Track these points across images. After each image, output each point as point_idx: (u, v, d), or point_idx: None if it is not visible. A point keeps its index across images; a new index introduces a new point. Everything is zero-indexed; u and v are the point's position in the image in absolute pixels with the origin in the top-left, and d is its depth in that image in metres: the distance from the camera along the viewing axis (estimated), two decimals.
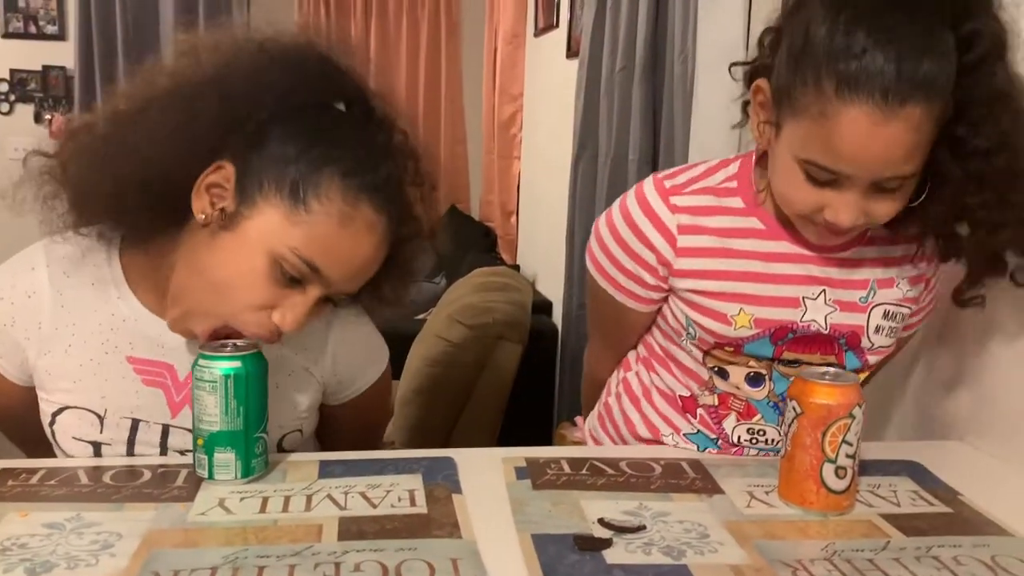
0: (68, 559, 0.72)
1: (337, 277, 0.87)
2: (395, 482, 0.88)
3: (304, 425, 1.02)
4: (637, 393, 1.10)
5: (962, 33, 0.80)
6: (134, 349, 0.94)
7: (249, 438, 0.87)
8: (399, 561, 0.72)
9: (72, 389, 0.94)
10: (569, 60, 2.89)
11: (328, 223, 0.84)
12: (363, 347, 1.05)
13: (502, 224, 4.12)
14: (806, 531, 0.81)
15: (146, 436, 0.95)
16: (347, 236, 0.85)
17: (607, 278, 1.04)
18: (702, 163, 1.04)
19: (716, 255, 0.98)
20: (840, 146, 0.81)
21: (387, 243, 0.89)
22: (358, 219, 0.85)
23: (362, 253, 0.87)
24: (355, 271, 0.88)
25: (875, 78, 0.78)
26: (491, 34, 4.23)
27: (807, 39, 0.83)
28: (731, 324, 0.97)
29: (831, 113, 0.81)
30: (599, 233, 1.05)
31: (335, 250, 0.86)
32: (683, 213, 0.98)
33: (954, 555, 0.77)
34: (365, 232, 0.86)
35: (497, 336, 2.08)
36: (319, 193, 0.84)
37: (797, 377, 0.86)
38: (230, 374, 0.85)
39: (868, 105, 0.79)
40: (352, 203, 0.85)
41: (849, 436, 0.83)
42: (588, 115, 2.28)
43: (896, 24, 0.78)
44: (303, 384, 1.01)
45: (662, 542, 0.77)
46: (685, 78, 1.73)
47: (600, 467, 0.94)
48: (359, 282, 0.90)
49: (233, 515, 0.81)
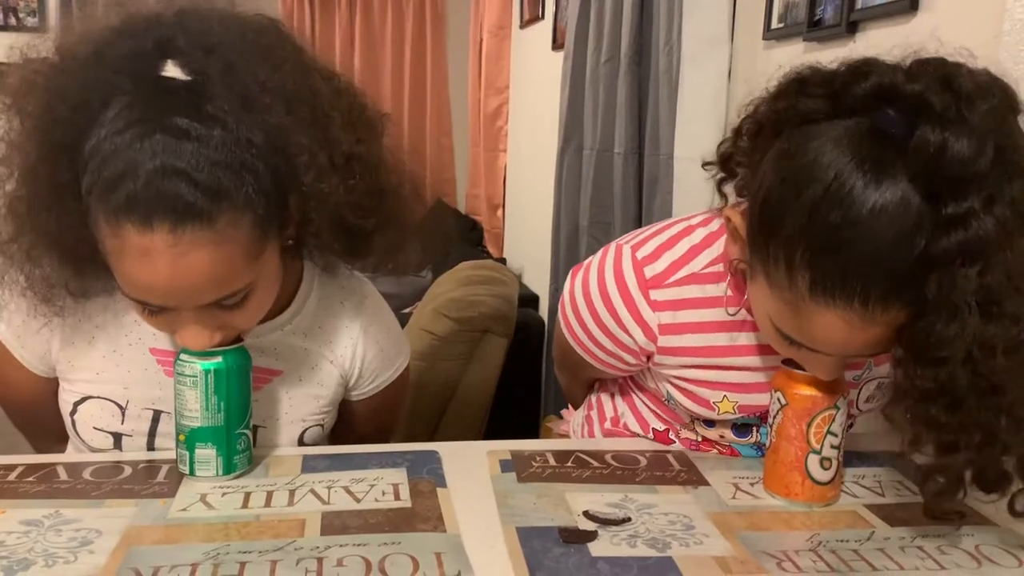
0: (46, 556, 0.71)
1: (173, 303, 0.78)
2: (379, 476, 0.88)
3: (325, 420, 1.01)
4: (607, 415, 1.10)
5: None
6: (157, 340, 0.94)
7: (231, 434, 0.86)
8: (382, 555, 0.72)
9: (94, 380, 0.93)
10: (555, 52, 2.88)
11: (111, 259, 0.75)
12: (387, 344, 1.04)
13: (488, 217, 4.11)
14: (791, 522, 0.81)
15: (167, 428, 0.94)
16: (129, 267, 0.74)
17: (584, 349, 0.99)
18: (683, 234, 0.92)
19: (698, 354, 0.92)
20: (814, 337, 0.74)
21: (210, 243, 0.74)
22: (127, 248, 0.73)
23: (161, 279, 0.74)
24: (182, 293, 0.76)
25: (853, 283, 0.68)
26: (476, 26, 4.21)
27: (776, 205, 0.72)
28: (714, 409, 0.94)
29: (805, 309, 0.72)
30: (575, 305, 0.97)
31: (135, 284, 0.76)
32: (665, 311, 0.90)
33: (938, 545, 0.77)
34: (140, 259, 0.73)
35: (483, 330, 2.07)
36: (99, 231, 0.74)
37: (783, 369, 0.85)
38: (210, 369, 0.84)
39: (845, 312, 0.69)
40: (116, 232, 0.72)
41: (834, 427, 0.83)
42: (573, 107, 2.28)
43: (882, 218, 0.66)
44: (326, 378, 0.99)
45: (647, 534, 0.77)
46: (670, 70, 1.73)
47: (585, 459, 0.94)
48: (213, 293, 0.78)
49: (215, 511, 0.80)
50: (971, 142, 0.64)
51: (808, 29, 1.41)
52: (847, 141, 0.68)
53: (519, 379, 2.35)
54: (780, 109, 0.76)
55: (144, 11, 0.80)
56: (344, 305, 1.00)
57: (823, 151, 0.69)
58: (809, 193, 0.68)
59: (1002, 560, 0.75)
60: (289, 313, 0.97)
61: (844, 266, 0.68)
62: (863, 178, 0.66)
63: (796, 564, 0.73)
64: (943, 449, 0.71)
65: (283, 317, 0.96)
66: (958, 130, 0.65)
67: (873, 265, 0.67)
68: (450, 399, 2.09)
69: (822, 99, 0.72)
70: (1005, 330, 0.65)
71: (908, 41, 0.74)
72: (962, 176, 0.65)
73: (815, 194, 0.68)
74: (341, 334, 0.99)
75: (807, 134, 0.71)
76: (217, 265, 0.75)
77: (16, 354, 0.94)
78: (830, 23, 1.35)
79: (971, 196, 0.64)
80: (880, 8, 1.23)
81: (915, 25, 1.15)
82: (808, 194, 0.68)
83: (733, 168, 0.86)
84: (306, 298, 0.98)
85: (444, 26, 4.68)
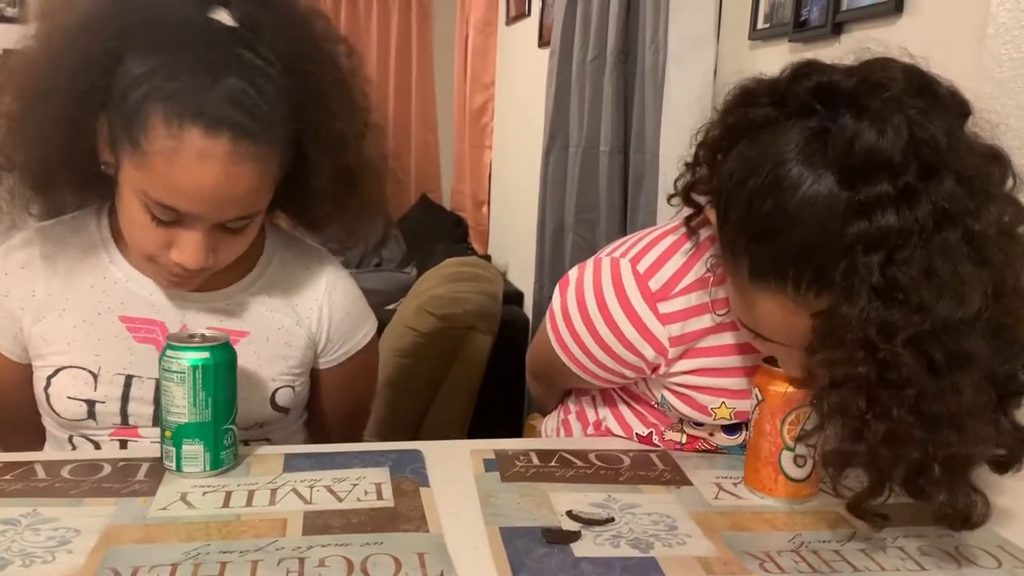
0: (23, 556, 0.70)
1: (200, 212, 0.84)
2: (362, 475, 0.87)
3: (296, 383, 1.02)
4: (588, 420, 1.09)
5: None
6: (126, 308, 0.97)
7: (218, 430, 0.86)
8: (365, 556, 0.71)
9: (66, 351, 0.95)
10: (541, 49, 2.88)
11: (159, 160, 0.81)
12: (352, 308, 1.07)
13: (473, 214, 4.11)
14: (773, 523, 0.81)
15: (139, 392, 0.96)
16: (180, 170, 0.81)
17: (580, 368, 0.97)
18: (679, 241, 0.92)
19: (704, 354, 0.92)
20: (762, 322, 0.78)
21: (256, 159, 0.83)
22: (185, 150, 0.80)
23: (209, 183, 0.82)
24: (217, 202, 0.84)
25: (785, 267, 0.71)
26: (462, 22, 4.20)
27: (727, 199, 0.76)
28: (711, 415, 0.94)
29: (748, 295, 0.76)
30: (571, 323, 0.94)
31: (178, 187, 0.82)
32: (674, 322, 0.90)
33: (919, 546, 0.77)
34: (197, 161, 0.81)
35: (468, 327, 2.07)
36: (145, 129, 0.81)
37: (762, 366, 0.85)
38: (198, 365, 0.83)
39: (780, 296, 0.73)
40: (175, 134, 0.80)
41: (808, 424, 0.82)
42: (559, 105, 2.27)
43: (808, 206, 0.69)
44: (293, 339, 1.02)
45: (630, 534, 0.77)
46: (656, 69, 1.73)
47: (569, 459, 0.94)
48: (239, 208, 0.86)
49: (195, 510, 0.79)
50: (885, 132, 0.66)
51: (794, 30, 1.41)
52: (787, 138, 0.72)
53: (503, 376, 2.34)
54: (731, 124, 0.78)
55: None
56: (307, 269, 1.04)
57: (767, 147, 0.73)
58: (749, 185, 0.73)
59: (982, 561, 0.75)
60: (253, 275, 1.01)
61: (776, 252, 0.71)
62: (795, 169, 0.70)
63: (778, 564, 0.73)
64: (849, 435, 0.71)
65: (248, 279, 1.00)
66: (875, 120, 0.67)
67: (802, 252, 0.70)
68: (434, 396, 2.08)
69: (770, 106, 0.75)
70: (906, 318, 0.66)
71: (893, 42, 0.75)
72: (872, 163, 0.67)
73: (754, 185, 0.72)
74: (305, 295, 1.03)
75: (758, 137, 0.74)
76: (255, 180, 0.85)
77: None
78: (816, 24, 1.35)
79: (881, 183, 0.66)
80: (866, 9, 1.24)
81: (900, 27, 1.16)
82: (748, 186, 0.73)
83: (695, 200, 0.88)
84: (269, 262, 1.02)
85: (430, 22, 4.67)
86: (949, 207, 0.67)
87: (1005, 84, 0.96)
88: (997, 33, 0.97)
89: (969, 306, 0.66)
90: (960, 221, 0.67)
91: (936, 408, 0.67)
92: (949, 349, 0.66)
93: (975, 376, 0.68)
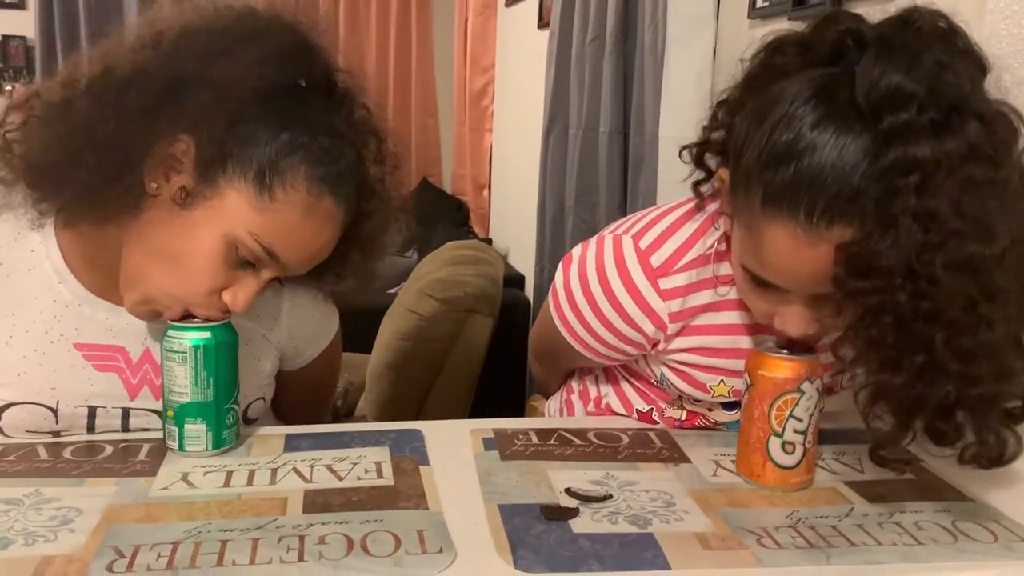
0: (26, 535, 0.70)
1: (293, 263, 0.88)
2: (362, 454, 0.88)
3: (266, 392, 1.03)
4: (591, 397, 1.10)
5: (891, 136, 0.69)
6: (81, 335, 0.91)
7: (220, 409, 0.86)
8: (364, 533, 0.72)
9: (15, 383, 0.89)
10: (540, 31, 2.86)
11: (292, 212, 0.84)
12: (315, 313, 1.06)
13: (474, 197, 4.10)
14: (771, 499, 0.82)
15: (105, 421, 0.93)
16: (308, 226, 0.86)
17: (582, 344, 0.97)
18: (683, 220, 0.92)
19: (703, 332, 0.92)
20: (767, 260, 0.77)
21: (342, 228, 0.90)
22: (320, 210, 0.86)
23: (320, 242, 0.88)
24: (310, 257, 0.89)
25: (799, 194, 0.71)
26: (462, 4, 4.18)
27: (744, 140, 0.77)
28: (710, 392, 0.95)
29: (757, 227, 0.76)
30: (573, 300, 0.95)
31: (295, 239, 0.86)
32: (674, 298, 0.90)
33: (915, 520, 0.78)
34: (325, 222, 0.87)
35: (469, 310, 2.07)
36: (284, 181, 0.83)
37: (754, 350, 0.85)
38: (199, 344, 0.84)
39: (791, 224, 0.72)
40: (316, 195, 0.85)
41: (797, 411, 0.81)
42: (559, 87, 2.27)
43: (827, 135, 0.70)
44: (262, 351, 1.01)
45: (628, 511, 0.77)
46: (655, 50, 1.72)
47: (568, 437, 0.94)
48: (312, 265, 0.91)
49: (196, 489, 0.80)
50: (911, 71, 0.68)
51: (793, 8, 1.40)
52: (809, 80, 0.74)
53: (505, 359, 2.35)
54: (753, 76, 0.79)
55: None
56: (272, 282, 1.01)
57: (786, 88, 0.74)
58: (768, 120, 0.74)
59: (978, 535, 0.75)
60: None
61: (791, 178, 0.72)
62: (815, 105, 0.72)
63: (776, 540, 0.73)
64: (884, 366, 0.72)
65: None
66: (901, 61, 0.68)
67: (817, 178, 0.70)
68: (435, 379, 2.09)
69: (795, 54, 0.76)
70: (944, 244, 0.67)
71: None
72: (898, 98, 0.68)
73: (772, 119, 0.73)
74: (270, 310, 1.01)
75: (780, 83, 0.75)
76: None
77: None
78: (815, 1, 1.35)
79: (910, 112, 0.67)
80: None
81: (899, 4, 1.15)
82: (767, 121, 0.74)
83: (706, 164, 0.89)
84: None
85: (429, 4, 4.64)
86: (976, 144, 0.68)
87: (1004, 60, 0.95)
88: (996, 9, 0.97)
89: (998, 241, 0.67)
90: (985, 162, 0.68)
91: (969, 341, 0.68)
92: (981, 281, 0.67)
93: (1006, 311, 0.69)
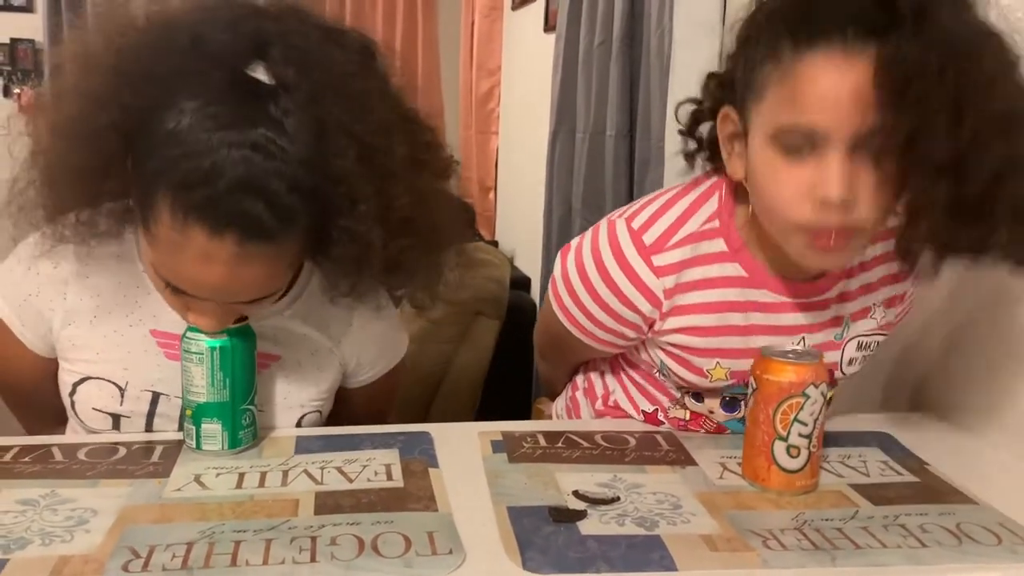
0: (43, 535, 0.71)
1: (207, 297, 0.81)
2: (372, 457, 0.89)
3: (323, 407, 1.02)
4: (598, 394, 1.10)
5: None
6: (157, 322, 0.94)
7: (235, 410, 0.87)
8: (375, 534, 0.73)
9: (95, 360, 0.94)
10: (547, 34, 2.87)
11: (163, 247, 0.77)
12: (387, 330, 1.05)
13: (480, 200, 4.11)
14: (777, 502, 0.83)
15: (165, 409, 0.95)
16: (186, 265, 0.77)
17: (580, 330, 0.98)
18: (676, 198, 0.94)
19: (697, 311, 0.93)
20: (808, 102, 0.77)
21: (266, 256, 0.78)
22: (190, 248, 0.75)
23: (212, 282, 0.78)
24: (224, 294, 0.80)
25: (832, 19, 0.75)
26: (468, 7, 4.19)
27: (757, 27, 0.83)
28: (707, 377, 0.95)
29: (792, 71, 0.77)
30: (570, 283, 0.96)
31: (182, 277, 0.79)
32: (668, 275, 0.91)
33: (920, 523, 0.78)
34: (202, 261, 0.76)
35: (475, 312, 2.08)
36: (153, 214, 0.76)
37: (760, 354, 0.85)
38: (215, 347, 0.85)
39: (827, 49, 0.75)
40: (180, 229, 0.74)
41: (802, 415, 0.82)
42: (566, 90, 2.28)
43: None
44: (325, 363, 1.00)
45: (635, 513, 0.78)
46: (662, 53, 1.73)
47: (575, 440, 0.95)
48: (249, 295, 0.82)
49: (209, 491, 0.81)
50: None
51: None
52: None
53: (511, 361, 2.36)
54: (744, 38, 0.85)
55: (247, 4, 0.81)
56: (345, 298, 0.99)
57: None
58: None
59: (982, 538, 0.76)
60: (289, 299, 0.98)
61: (816, 8, 0.77)
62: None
63: (781, 542, 0.74)
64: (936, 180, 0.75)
65: (283, 303, 0.97)
66: None
67: (844, 4, 0.75)
68: (442, 381, 2.10)
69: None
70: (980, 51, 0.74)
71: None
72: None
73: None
74: (340, 321, 1.00)
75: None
76: (267, 277, 0.81)
77: (16, 331, 0.95)
78: None
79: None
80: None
81: None
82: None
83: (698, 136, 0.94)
84: (306, 284, 0.99)
85: (436, 7, 4.65)
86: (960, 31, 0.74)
87: None
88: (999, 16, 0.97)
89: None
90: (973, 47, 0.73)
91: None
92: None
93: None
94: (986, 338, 1.02)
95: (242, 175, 0.73)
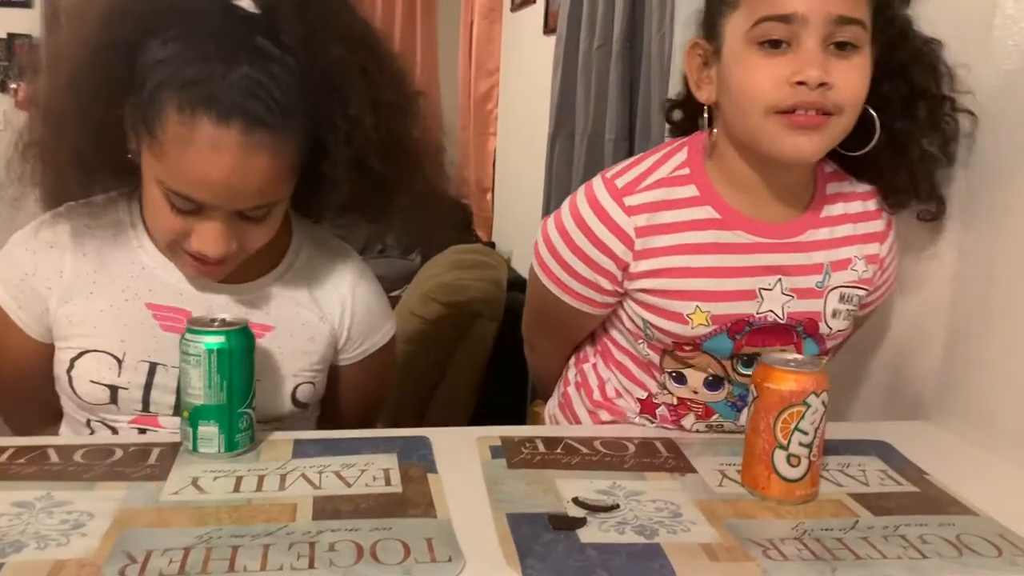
0: (38, 538, 0.71)
1: (215, 201, 0.85)
2: (370, 461, 0.88)
3: (317, 379, 1.03)
4: (592, 386, 1.11)
5: None
6: (153, 295, 0.97)
7: (233, 413, 0.87)
8: (374, 540, 0.72)
9: (92, 334, 0.95)
10: (546, 36, 2.87)
11: (171, 150, 0.82)
12: (375, 306, 1.07)
13: (477, 201, 4.10)
14: (777, 510, 0.82)
15: (163, 380, 0.96)
16: (192, 159, 0.82)
17: (560, 286, 1.02)
18: (649, 155, 1.01)
19: (672, 252, 0.96)
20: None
21: (270, 149, 0.83)
22: (197, 139, 0.81)
23: (221, 173, 0.82)
24: (231, 191, 0.85)
25: None
26: (467, 8, 4.18)
27: None
28: (688, 323, 0.96)
29: None
30: (549, 239, 1.01)
31: (191, 177, 0.83)
32: (639, 214, 0.95)
33: (920, 534, 0.78)
34: (208, 150, 0.81)
35: (472, 314, 2.08)
36: (159, 117, 0.82)
37: (761, 362, 0.85)
38: (213, 349, 0.85)
39: None
40: (187, 122, 0.81)
41: (803, 424, 0.82)
42: (565, 92, 2.28)
43: None
44: (316, 334, 1.02)
45: (635, 521, 0.78)
46: (662, 56, 1.73)
47: (575, 446, 0.95)
48: (255, 198, 0.87)
49: (206, 494, 0.80)
50: None
51: None
52: None
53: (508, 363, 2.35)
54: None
55: None
56: (333, 264, 1.04)
57: None
58: None
59: (982, 549, 0.76)
60: (281, 268, 1.01)
61: None
62: None
63: (781, 552, 0.74)
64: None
65: (275, 272, 1.01)
66: None
67: None
68: (439, 382, 2.10)
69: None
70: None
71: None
72: None
73: None
74: (330, 292, 1.03)
75: None
76: (270, 171, 0.85)
77: (13, 315, 0.96)
78: None
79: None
80: None
81: None
82: None
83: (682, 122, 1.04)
84: (296, 256, 1.03)
85: (435, 7, 4.65)
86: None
87: (1011, 76, 0.96)
88: (1003, 25, 0.97)
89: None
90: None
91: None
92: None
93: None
94: (985, 347, 1.02)
95: (245, 73, 0.81)
